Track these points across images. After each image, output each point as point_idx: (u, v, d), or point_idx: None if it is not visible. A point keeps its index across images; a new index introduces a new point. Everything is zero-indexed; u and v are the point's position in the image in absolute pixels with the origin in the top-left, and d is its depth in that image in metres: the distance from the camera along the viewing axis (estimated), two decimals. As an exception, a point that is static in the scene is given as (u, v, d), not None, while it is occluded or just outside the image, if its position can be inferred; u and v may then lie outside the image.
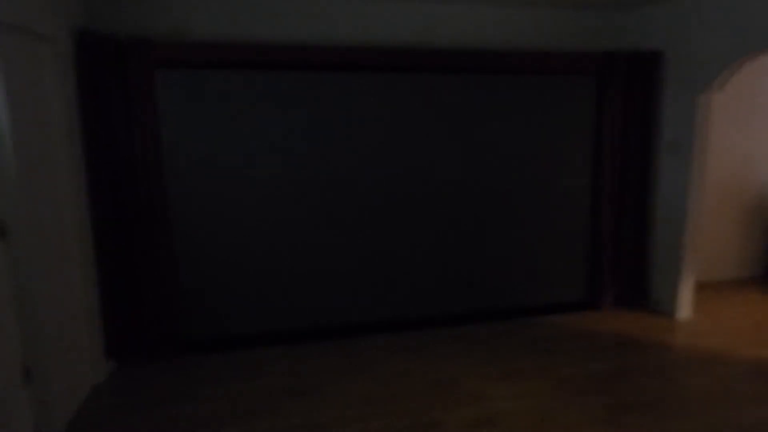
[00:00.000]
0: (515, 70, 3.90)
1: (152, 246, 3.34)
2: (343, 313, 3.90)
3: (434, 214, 3.96)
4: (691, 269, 4.03)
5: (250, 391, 3.07)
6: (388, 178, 3.83)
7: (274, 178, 3.63)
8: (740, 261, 5.14)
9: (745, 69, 4.32)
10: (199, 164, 3.48)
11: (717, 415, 2.79)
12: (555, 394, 3.01)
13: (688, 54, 3.82)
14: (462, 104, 3.88)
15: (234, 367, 3.38)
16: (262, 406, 2.92)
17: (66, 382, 2.78)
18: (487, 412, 2.83)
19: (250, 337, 3.73)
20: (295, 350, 3.61)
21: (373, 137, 3.76)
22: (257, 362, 3.44)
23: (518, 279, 4.22)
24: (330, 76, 3.62)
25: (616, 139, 4.08)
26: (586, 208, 4.24)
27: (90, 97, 3.09)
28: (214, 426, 2.73)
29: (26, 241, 2.45)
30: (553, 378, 3.19)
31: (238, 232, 3.61)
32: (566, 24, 4.06)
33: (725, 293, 4.71)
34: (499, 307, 4.19)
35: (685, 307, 4.10)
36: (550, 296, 4.31)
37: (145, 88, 3.19)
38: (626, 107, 4.06)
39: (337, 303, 3.88)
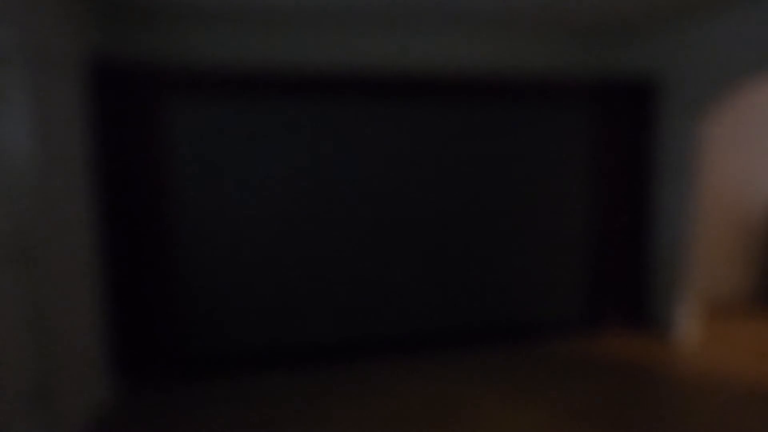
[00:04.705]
0: (513, 96, 3.99)
1: (162, 269, 3.41)
2: (346, 335, 3.92)
3: (436, 236, 4.01)
4: (692, 291, 4.07)
5: (259, 414, 3.09)
6: (392, 200, 3.90)
7: (282, 200, 3.69)
8: (741, 282, 5.17)
9: (743, 94, 4.42)
10: (208, 186, 3.55)
11: (720, 438, 2.80)
12: (557, 419, 3.01)
13: (684, 81, 3.92)
14: (464, 128, 3.97)
15: (242, 389, 3.40)
16: (271, 429, 2.94)
17: (77, 401, 2.82)
18: (490, 434, 2.85)
19: (258, 360, 3.75)
20: (304, 373, 3.64)
21: (378, 159, 3.84)
22: (266, 384, 3.46)
23: (519, 301, 4.24)
24: (337, 101, 3.71)
25: (615, 163, 4.16)
26: (587, 231, 4.30)
27: (104, 122, 3.20)
28: (221, 447, 2.76)
29: (43, 264, 2.52)
30: (555, 402, 3.20)
31: (246, 255, 3.67)
32: (564, 52, 4.18)
33: (726, 315, 4.72)
34: (499, 329, 4.21)
35: (687, 329, 4.12)
36: (552, 319, 4.33)
37: (158, 113, 3.30)
38: (624, 133, 4.15)
39: (344, 326, 3.90)
